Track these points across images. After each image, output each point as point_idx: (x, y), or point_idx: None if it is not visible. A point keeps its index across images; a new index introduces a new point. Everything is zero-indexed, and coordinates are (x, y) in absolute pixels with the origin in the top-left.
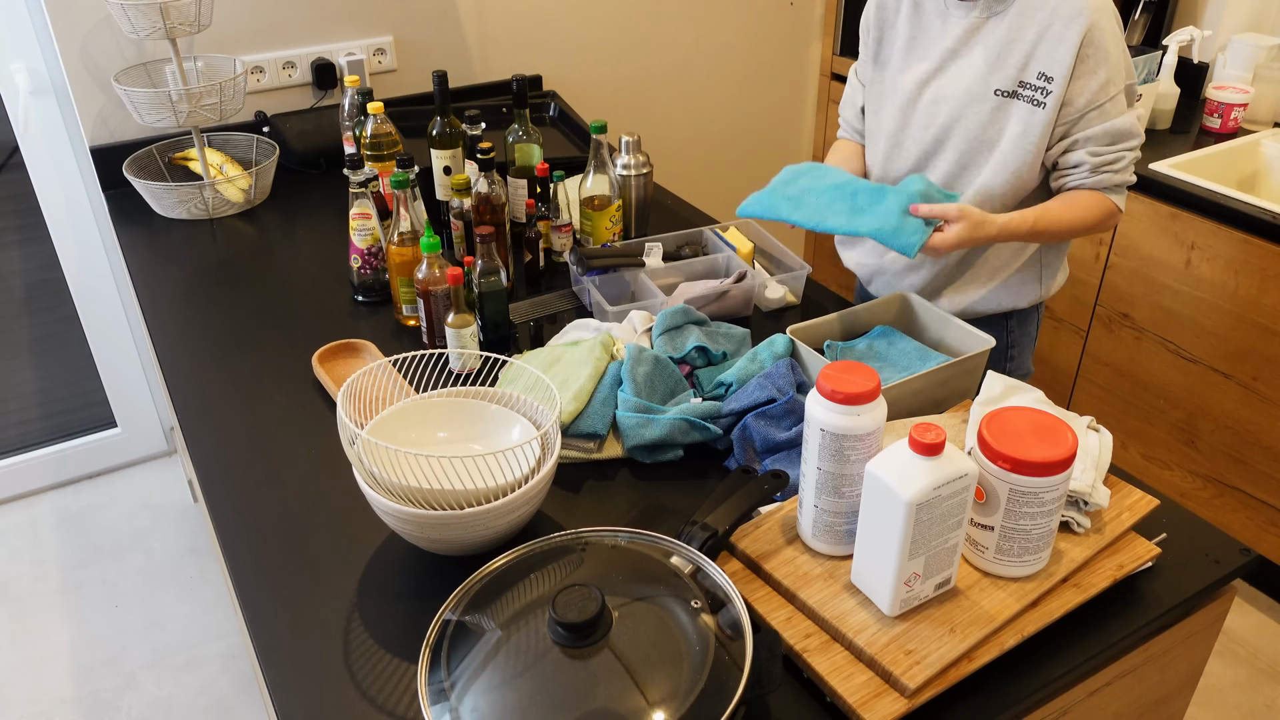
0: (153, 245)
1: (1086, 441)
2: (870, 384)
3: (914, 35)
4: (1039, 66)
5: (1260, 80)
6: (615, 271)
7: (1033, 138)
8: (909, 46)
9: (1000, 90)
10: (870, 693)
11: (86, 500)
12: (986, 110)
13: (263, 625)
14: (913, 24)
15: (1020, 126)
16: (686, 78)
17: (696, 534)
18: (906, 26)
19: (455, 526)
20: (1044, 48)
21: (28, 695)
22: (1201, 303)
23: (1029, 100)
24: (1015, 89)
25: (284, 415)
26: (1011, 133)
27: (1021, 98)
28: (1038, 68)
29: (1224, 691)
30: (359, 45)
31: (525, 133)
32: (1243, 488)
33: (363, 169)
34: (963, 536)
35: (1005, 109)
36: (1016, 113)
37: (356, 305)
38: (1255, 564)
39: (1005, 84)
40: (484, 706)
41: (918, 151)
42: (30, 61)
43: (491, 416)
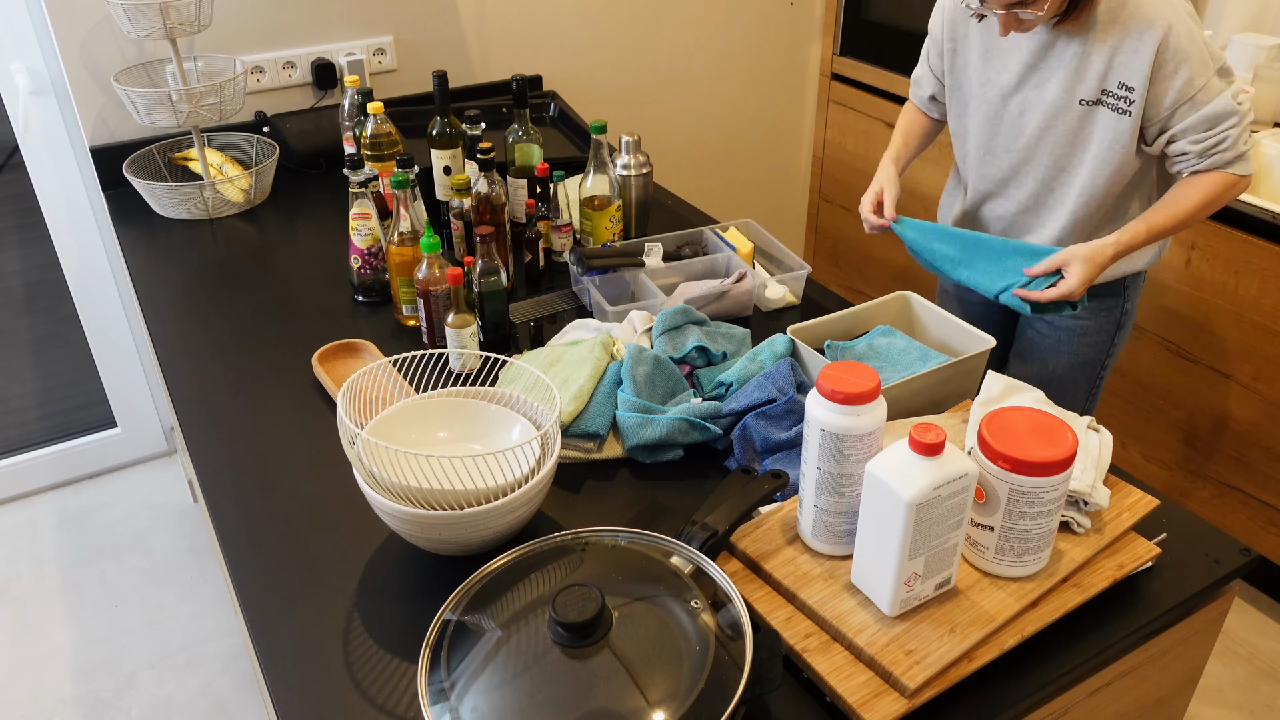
0: (153, 245)
1: (1086, 441)
2: (870, 384)
3: (988, 47)
4: (1118, 77)
5: (1260, 80)
6: (615, 271)
7: (1123, 142)
8: (985, 58)
9: (1085, 100)
10: (870, 693)
11: (86, 500)
12: (1074, 119)
13: (263, 625)
14: (985, 35)
15: (1109, 133)
16: (686, 78)
17: (696, 534)
18: (979, 38)
19: (455, 526)
20: (1120, 59)
21: (28, 695)
22: (1201, 303)
23: (1113, 108)
24: (1099, 97)
25: (284, 415)
26: (1101, 138)
27: (1106, 105)
28: (1117, 78)
29: (1224, 691)
30: (359, 45)
31: (525, 133)
32: (1243, 488)
33: (363, 169)
34: (963, 536)
35: (1091, 116)
36: (1103, 119)
37: (356, 305)
38: (1255, 564)
39: (1089, 94)
40: (484, 706)
41: (1010, 160)
42: (30, 61)
43: (491, 416)
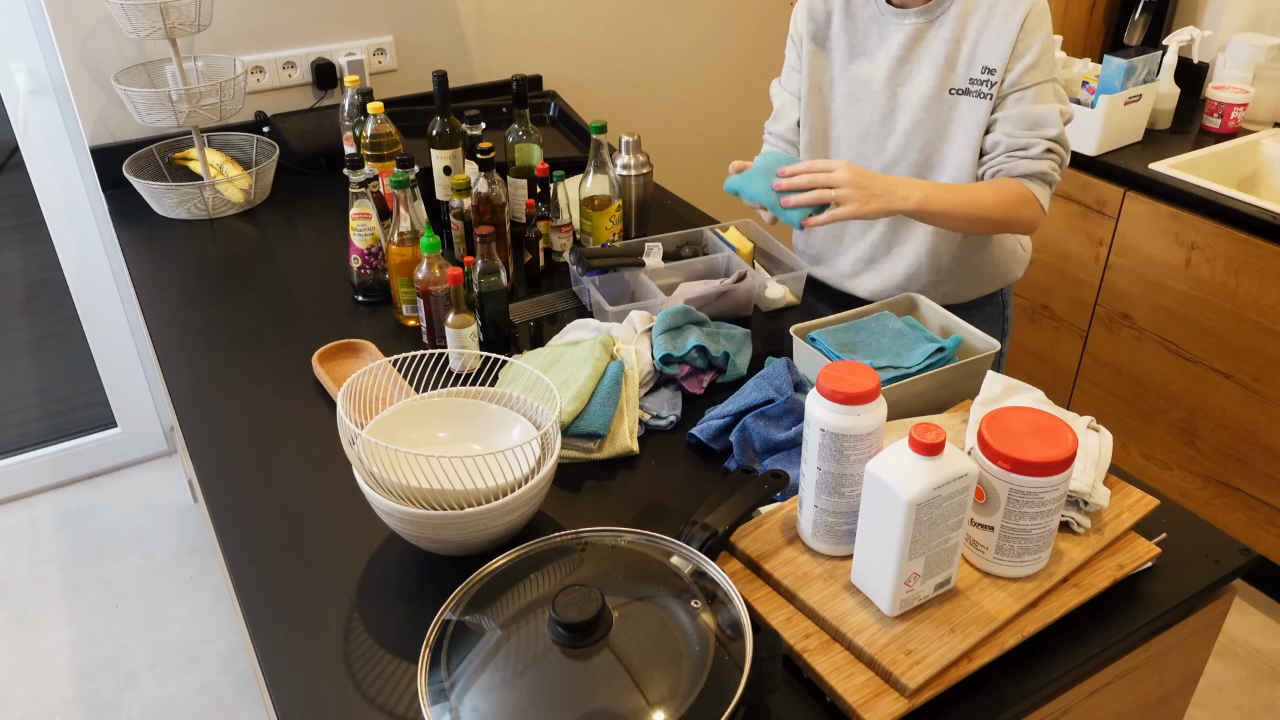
0: (153, 245)
1: (1086, 441)
2: (870, 384)
3: (852, 45)
4: (982, 61)
5: (1260, 80)
6: (615, 271)
7: (982, 127)
8: (851, 56)
9: (954, 89)
10: (870, 693)
11: (86, 500)
12: (945, 111)
13: (263, 625)
14: (849, 33)
15: (973, 122)
16: (686, 78)
17: (696, 534)
18: (843, 36)
19: (455, 526)
20: (985, 42)
21: (28, 695)
22: (1201, 303)
23: (977, 94)
24: (966, 86)
25: (284, 415)
26: (966, 128)
27: (971, 93)
28: (981, 62)
29: (1224, 691)
30: (359, 45)
31: (525, 133)
32: (1243, 488)
33: (363, 169)
34: (963, 536)
35: (956, 108)
36: (967, 107)
37: (356, 305)
38: (1255, 564)
39: (958, 83)
40: (484, 706)
41: (881, 161)
42: (30, 61)
43: (491, 416)
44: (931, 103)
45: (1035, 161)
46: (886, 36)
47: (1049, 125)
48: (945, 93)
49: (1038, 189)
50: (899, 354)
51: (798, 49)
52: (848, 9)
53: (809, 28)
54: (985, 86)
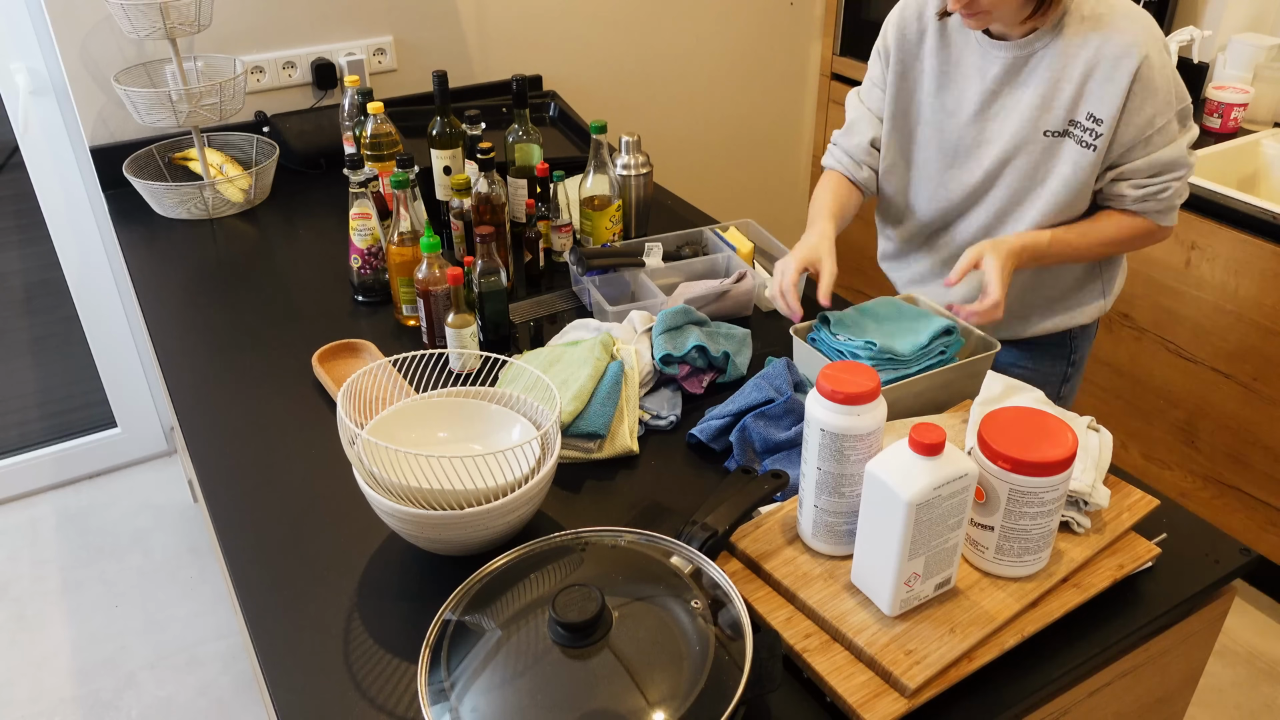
0: (153, 245)
1: (1086, 441)
2: (870, 384)
3: (944, 70)
4: (1088, 107)
5: (1260, 80)
6: (615, 271)
7: (1081, 178)
8: (941, 83)
9: (1050, 131)
10: (870, 693)
11: (86, 500)
12: (1037, 152)
13: (263, 625)
14: (940, 58)
15: (1070, 168)
16: (686, 78)
17: (696, 534)
18: (934, 60)
19: (455, 526)
20: (1092, 87)
21: (28, 695)
22: (1201, 303)
23: (1078, 141)
24: (1065, 129)
25: (284, 415)
26: (1060, 173)
27: (1071, 137)
28: (1087, 108)
29: (1224, 691)
30: (359, 45)
31: (525, 133)
32: (1243, 488)
33: (363, 169)
34: (963, 536)
35: (1054, 149)
36: (1066, 154)
37: (356, 305)
38: (1255, 564)
39: (1055, 125)
40: (484, 706)
41: (963, 193)
42: (30, 61)
43: (491, 416)
44: (1023, 142)
45: (1163, 202)
46: (981, 66)
47: (1177, 165)
48: (1040, 133)
49: (1166, 219)
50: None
51: (884, 64)
52: (942, 32)
53: (899, 45)
54: (1090, 136)
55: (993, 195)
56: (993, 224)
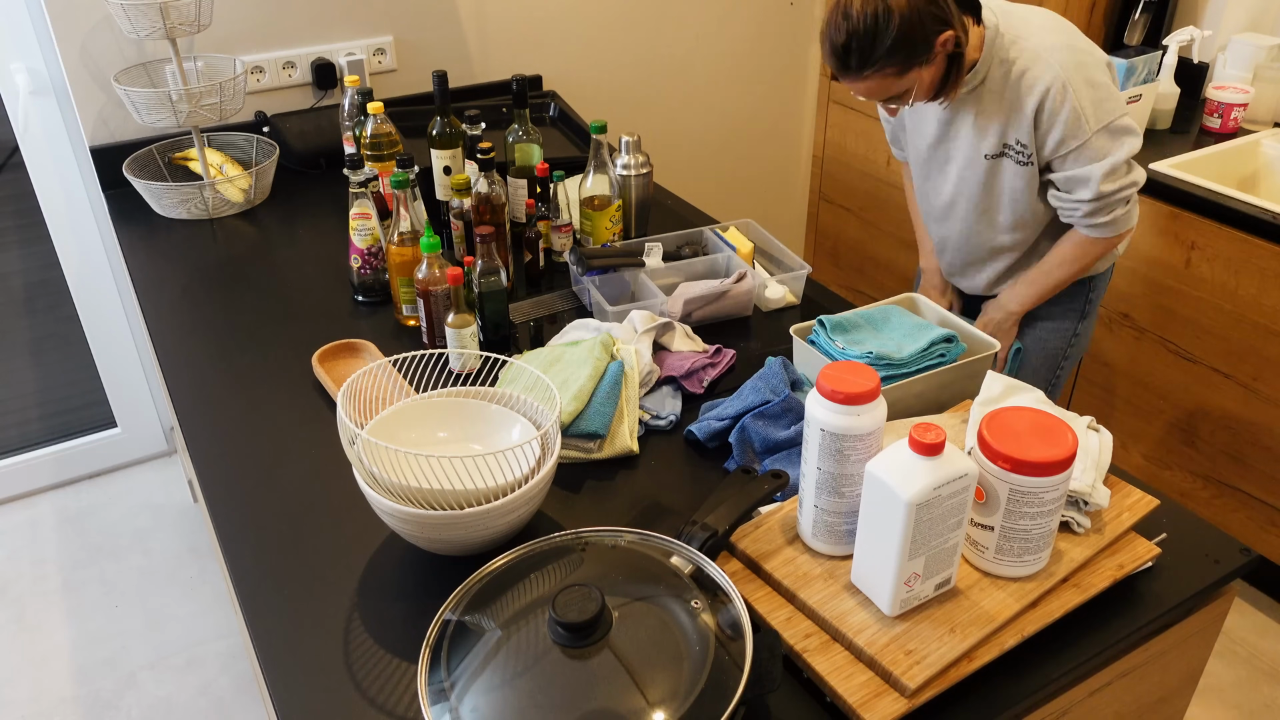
0: (153, 245)
1: (1086, 441)
2: (870, 384)
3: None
4: (1014, 135)
5: (1260, 80)
6: (615, 271)
7: (1025, 187)
8: (914, 114)
9: (989, 155)
10: (870, 693)
11: (86, 500)
12: (983, 172)
13: (263, 625)
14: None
15: (1016, 180)
16: (686, 78)
17: (696, 534)
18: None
19: (455, 526)
20: (1012, 121)
21: (28, 695)
22: (1201, 303)
23: (1015, 159)
24: (1001, 152)
25: (284, 415)
26: (1009, 186)
27: (1008, 157)
28: (1014, 135)
29: (1224, 691)
30: (359, 45)
31: (525, 133)
32: (1243, 488)
33: (363, 169)
34: (963, 536)
35: (998, 168)
36: (1007, 169)
37: (356, 305)
38: (1255, 564)
39: (991, 150)
40: (484, 706)
41: (941, 203)
42: (30, 61)
43: (491, 416)
44: (971, 163)
45: (1084, 219)
46: (927, 111)
47: (1086, 186)
48: (981, 156)
49: (1100, 232)
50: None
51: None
52: None
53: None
54: (1023, 155)
55: (961, 207)
56: (969, 234)
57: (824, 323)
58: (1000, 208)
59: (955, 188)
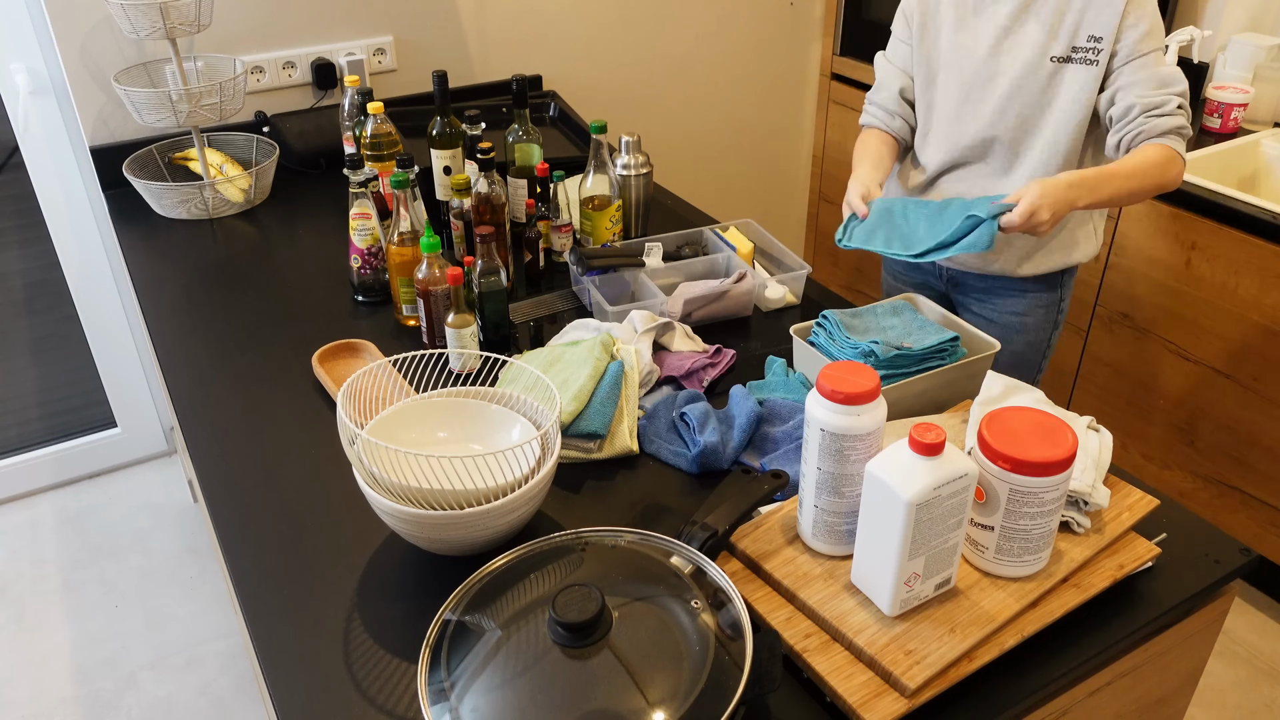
0: (153, 245)
1: (1086, 441)
2: (870, 384)
3: (960, 15)
4: (1088, 30)
5: (1260, 80)
6: (615, 271)
7: (1089, 93)
8: (959, 27)
9: (1055, 57)
10: (870, 693)
11: (86, 500)
12: (1044, 77)
13: (263, 625)
14: (958, 4)
15: (1076, 86)
16: (686, 78)
17: (696, 534)
18: (952, 8)
19: (455, 526)
20: (1090, 14)
21: (28, 695)
22: (1201, 303)
23: (1081, 61)
24: (1069, 54)
25: (284, 415)
26: (1068, 93)
27: (1074, 60)
28: (1087, 32)
29: (1224, 691)
30: (359, 45)
31: (525, 133)
32: (1243, 488)
33: (363, 169)
34: (963, 536)
35: (1060, 73)
36: (1072, 75)
37: (356, 305)
38: (1255, 564)
39: (1060, 51)
40: (484, 706)
41: (976, 126)
42: (30, 61)
43: (491, 416)
44: (1032, 69)
45: (1172, 117)
46: (998, 7)
47: (1178, 82)
48: (1046, 59)
49: (1177, 144)
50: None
51: (908, 22)
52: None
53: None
54: (1091, 54)
55: (1002, 125)
56: (1006, 155)
57: (827, 318)
58: (1045, 124)
59: (1001, 106)
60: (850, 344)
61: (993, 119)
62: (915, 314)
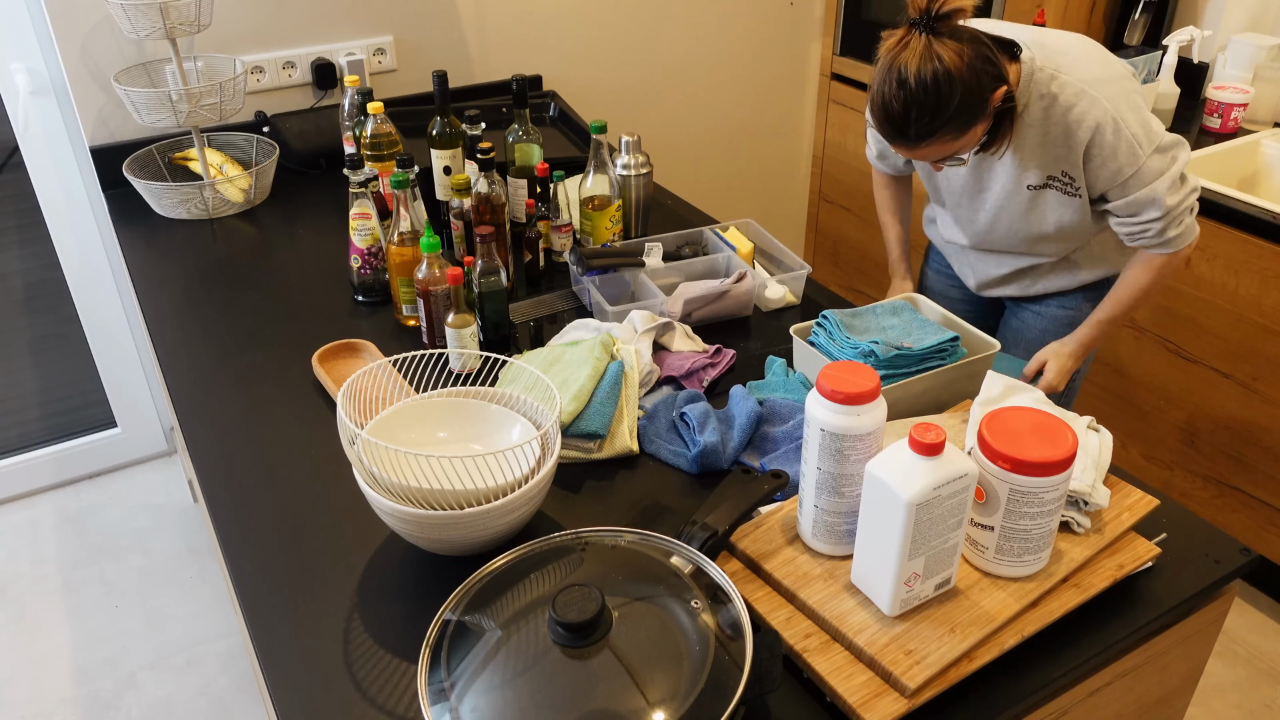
0: (153, 245)
1: (1086, 441)
2: (870, 384)
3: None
4: (1061, 167)
5: (1260, 80)
6: (615, 271)
7: (1073, 217)
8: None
9: (1032, 186)
10: (870, 693)
11: (86, 500)
12: (1025, 200)
13: (263, 625)
14: None
15: (1061, 210)
16: (686, 78)
17: (696, 534)
18: None
19: (455, 526)
20: (1060, 156)
21: (28, 695)
22: (1201, 303)
23: (1061, 190)
24: (1045, 183)
25: (284, 415)
26: (1056, 213)
27: (1053, 188)
28: (1060, 168)
29: (1224, 691)
30: (359, 45)
31: (525, 133)
32: (1243, 488)
33: (363, 169)
34: (963, 536)
35: (1042, 197)
36: (1054, 199)
37: (356, 305)
38: (1255, 564)
39: (1035, 181)
40: (484, 706)
41: (975, 229)
42: (30, 61)
43: (491, 416)
44: (1012, 194)
45: (1156, 237)
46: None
47: (1150, 204)
48: (1024, 187)
49: (1172, 247)
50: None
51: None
52: None
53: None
54: (1070, 187)
55: (1001, 230)
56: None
57: (827, 318)
58: (1045, 231)
59: (993, 215)
60: (850, 344)
61: (988, 225)
62: (915, 314)
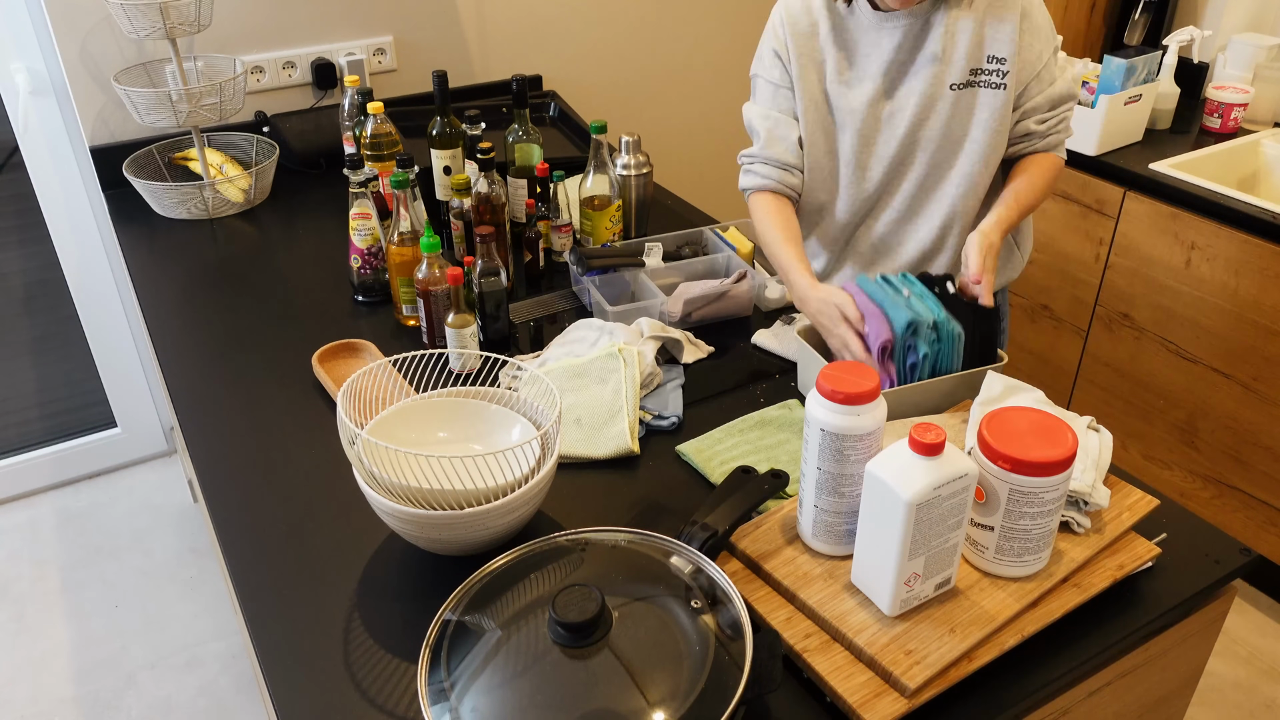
0: (153, 245)
1: (1086, 441)
2: (870, 384)
3: (844, 53)
4: (988, 51)
5: (1260, 80)
6: (615, 271)
7: (1000, 119)
8: (841, 65)
9: (955, 84)
10: (870, 693)
11: (86, 500)
12: (947, 108)
13: (263, 625)
14: (838, 43)
15: (987, 111)
16: (686, 78)
17: (696, 534)
18: (832, 47)
19: (455, 526)
20: (988, 33)
21: (28, 695)
22: (1201, 303)
23: (987, 85)
24: (969, 79)
25: (284, 415)
26: (980, 119)
27: (979, 84)
28: (987, 52)
29: (1224, 691)
30: (359, 45)
31: (525, 133)
32: (1243, 488)
33: (363, 169)
34: (963, 536)
35: (966, 99)
36: (980, 100)
37: (356, 305)
38: (1255, 564)
39: (958, 78)
40: (484, 706)
41: (883, 169)
42: (30, 61)
43: (491, 416)
44: (932, 100)
45: (1063, 134)
46: (878, 40)
47: (1069, 97)
48: (946, 88)
49: (1061, 150)
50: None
51: (783, 65)
52: (834, 18)
53: (795, 41)
54: (998, 76)
55: (912, 163)
56: (916, 194)
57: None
58: (959, 156)
59: (906, 142)
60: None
61: (898, 160)
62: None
